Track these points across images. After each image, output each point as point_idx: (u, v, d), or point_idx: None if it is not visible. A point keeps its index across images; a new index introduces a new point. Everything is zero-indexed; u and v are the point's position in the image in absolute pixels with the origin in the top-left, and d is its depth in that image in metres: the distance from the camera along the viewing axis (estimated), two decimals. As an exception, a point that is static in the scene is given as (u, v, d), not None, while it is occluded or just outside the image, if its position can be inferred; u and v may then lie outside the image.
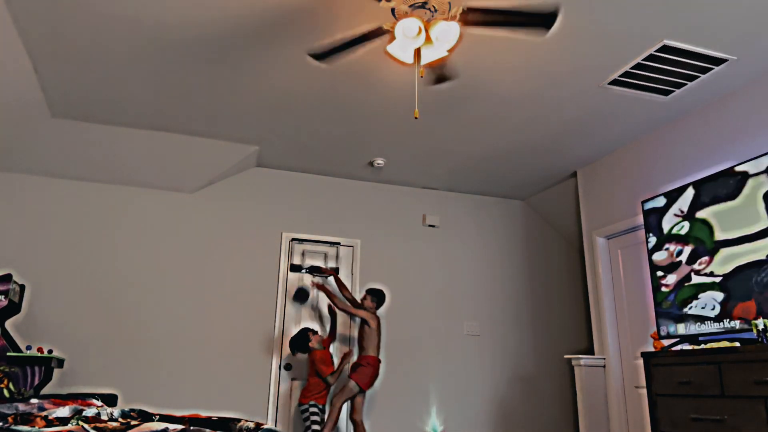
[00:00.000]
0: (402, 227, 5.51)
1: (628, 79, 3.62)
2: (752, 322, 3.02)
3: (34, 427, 1.57)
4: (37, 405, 1.90)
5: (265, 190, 5.19)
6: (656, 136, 4.32)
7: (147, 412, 1.98)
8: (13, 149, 4.28)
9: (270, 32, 3.17)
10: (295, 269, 5.06)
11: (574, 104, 3.96)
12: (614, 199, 4.68)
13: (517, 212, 5.99)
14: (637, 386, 4.30)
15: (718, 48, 3.27)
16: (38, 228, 4.50)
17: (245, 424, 1.81)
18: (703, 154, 3.90)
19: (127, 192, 4.80)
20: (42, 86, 3.75)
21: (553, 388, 5.49)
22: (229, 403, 4.55)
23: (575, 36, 3.18)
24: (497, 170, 5.22)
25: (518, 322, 5.59)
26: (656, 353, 3.46)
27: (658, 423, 3.34)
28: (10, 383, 3.47)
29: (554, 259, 5.95)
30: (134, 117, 4.19)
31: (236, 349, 4.71)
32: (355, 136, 4.55)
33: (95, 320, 4.44)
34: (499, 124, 4.28)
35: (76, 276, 4.49)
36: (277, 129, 4.41)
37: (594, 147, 4.66)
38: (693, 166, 3.96)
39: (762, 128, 3.51)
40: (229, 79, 3.67)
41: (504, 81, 3.67)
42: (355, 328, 4.99)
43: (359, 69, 3.54)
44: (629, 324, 4.48)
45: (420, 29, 2.54)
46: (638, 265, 4.42)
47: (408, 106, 4.02)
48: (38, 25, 3.12)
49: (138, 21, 3.08)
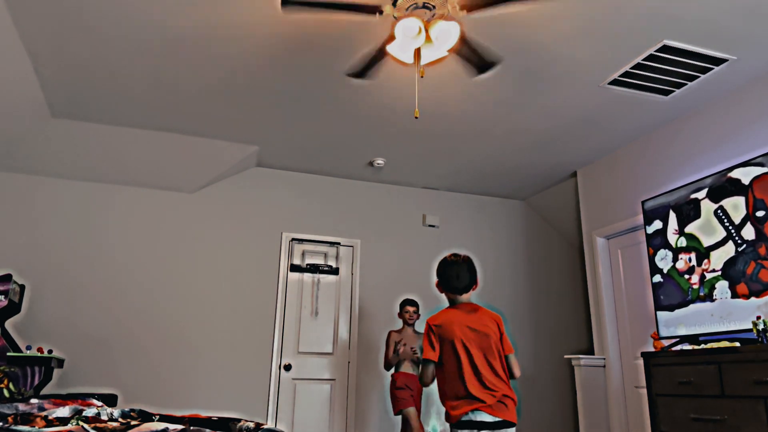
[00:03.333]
0: (402, 227, 5.51)
1: (628, 79, 3.62)
2: (752, 322, 3.03)
3: (34, 427, 1.57)
4: (37, 405, 1.90)
5: (265, 190, 5.19)
6: (656, 136, 4.32)
7: (147, 412, 1.98)
8: (13, 149, 4.28)
9: (272, 41, 3.17)
10: (295, 269, 5.06)
11: (574, 104, 3.96)
12: (614, 199, 4.68)
13: (517, 212, 5.99)
14: (637, 386, 4.30)
15: (718, 48, 3.27)
16: (38, 228, 4.49)
17: (245, 424, 1.81)
18: (703, 154, 3.90)
19: (127, 192, 4.80)
20: (42, 86, 3.75)
21: (553, 388, 5.49)
22: (229, 403, 4.55)
23: (575, 36, 3.18)
24: (497, 170, 5.22)
25: (518, 322, 5.59)
26: (656, 353, 3.46)
27: (658, 423, 3.34)
28: (10, 383, 3.47)
29: (554, 259, 5.95)
30: (134, 117, 4.19)
31: (236, 349, 4.71)
32: (355, 136, 4.55)
33: (95, 320, 4.44)
34: (499, 124, 4.28)
35: (76, 276, 4.49)
36: (277, 129, 4.41)
37: (594, 147, 4.66)
38: (693, 166, 3.96)
39: (762, 128, 3.52)
40: (230, 79, 3.67)
41: (504, 81, 3.66)
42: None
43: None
44: (629, 324, 4.48)
45: (420, 29, 2.54)
46: (638, 265, 4.42)
47: (408, 106, 4.02)
48: (38, 25, 3.12)
49: (138, 21, 3.08)
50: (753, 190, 3.32)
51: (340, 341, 5.01)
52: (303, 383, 4.80)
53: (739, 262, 3.34)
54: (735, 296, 3.34)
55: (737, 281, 3.34)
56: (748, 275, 3.27)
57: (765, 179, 3.26)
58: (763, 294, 3.19)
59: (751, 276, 3.26)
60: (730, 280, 3.39)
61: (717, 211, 3.52)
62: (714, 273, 3.49)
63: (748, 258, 3.29)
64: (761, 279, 3.21)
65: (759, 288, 3.22)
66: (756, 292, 3.23)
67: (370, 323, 5.09)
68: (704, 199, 3.60)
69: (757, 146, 3.51)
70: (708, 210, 3.56)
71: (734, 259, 3.38)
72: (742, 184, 3.39)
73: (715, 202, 3.54)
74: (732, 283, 3.37)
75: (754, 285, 3.25)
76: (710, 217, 3.54)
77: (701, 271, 3.56)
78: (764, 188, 3.26)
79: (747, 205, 3.34)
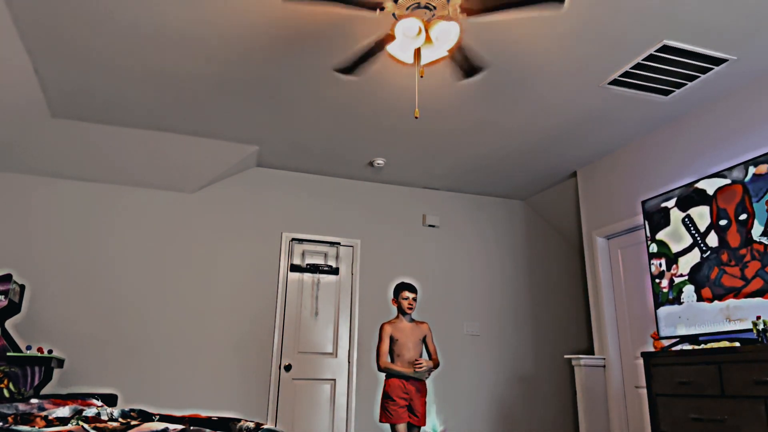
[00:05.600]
0: (402, 227, 5.51)
1: (628, 79, 3.62)
2: (752, 322, 3.03)
3: (34, 427, 1.57)
4: (37, 405, 1.90)
5: (265, 190, 5.19)
6: (656, 136, 4.32)
7: (147, 412, 1.98)
8: (13, 149, 4.28)
9: (272, 39, 3.17)
10: (295, 269, 5.06)
11: (574, 104, 3.96)
12: (614, 199, 4.68)
13: (517, 212, 5.99)
14: (637, 386, 4.30)
15: (718, 48, 3.27)
16: (38, 228, 4.50)
17: (245, 424, 1.81)
18: (703, 154, 3.90)
19: (128, 192, 4.80)
20: (42, 86, 3.75)
21: (553, 388, 5.49)
22: (229, 403, 4.55)
23: (575, 36, 3.18)
24: (497, 170, 5.22)
25: (518, 322, 5.59)
26: (656, 353, 3.46)
27: (658, 423, 3.34)
28: (10, 383, 3.47)
29: (554, 259, 5.95)
30: (134, 117, 4.19)
31: (236, 349, 4.71)
32: (355, 136, 4.55)
33: (95, 320, 4.44)
34: (498, 124, 4.28)
35: (76, 276, 4.49)
36: (277, 129, 4.41)
37: (594, 147, 4.66)
38: (693, 166, 3.96)
39: (762, 128, 3.52)
40: (230, 79, 3.67)
41: (503, 82, 3.66)
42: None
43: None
44: (629, 324, 4.48)
45: (420, 29, 2.54)
46: (638, 265, 4.42)
47: (408, 106, 4.02)
48: (38, 25, 3.12)
49: (138, 21, 3.08)
50: (717, 201, 3.54)
51: (340, 341, 5.01)
52: (303, 383, 4.80)
53: (704, 267, 3.57)
54: (700, 299, 3.57)
55: (702, 285, 3.56)
56: (712, 280, 3.51)
57: (727, 190, 3.48)
58: (725, 298, 3.40)
59: (715, 281, 3.49)
60: (696, 285, 3.61)
61: (684, 220, 3.75)
62: (682, 277, 3.72)
63: (712, 264, 3.51)
64: (723, 284, 3.42)
65: (721, 292, 3.43)
66: (719, 295, 3.45)
67: (370, 323, 5.09)
68: (673, 208, 3.83)
69: (759, 146, 3.52)
70: (676, 218, 3.80)
71: (700, 264, 3.60)
72: (707, 194, 3.61)
73: (683, 211, 3.77)
74: (698, 288, 3.60)
75: (717, 289, 3.46)
76: (678, 224, 3.78)
77: (670, 276, 3.80)
78: (726, 199, 3.48)
79: (711, 214, 3.57)
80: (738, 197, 3.40)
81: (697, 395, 3.10)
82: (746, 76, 3.56)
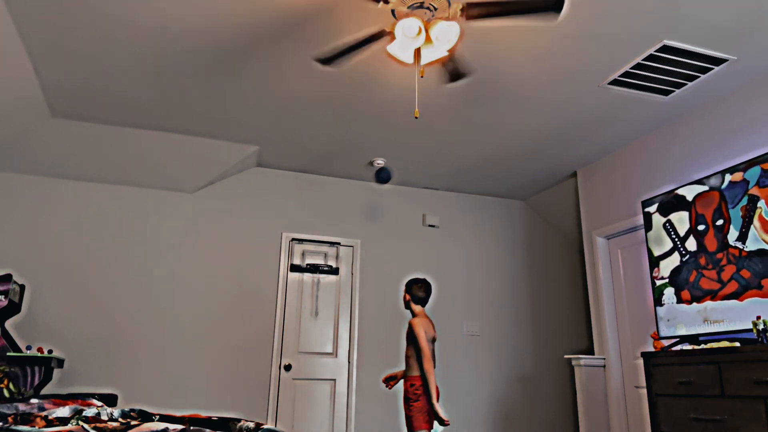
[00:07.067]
0: (402, 227, 5.51)
1: (628, 79, 3.62)
2: (752, 322, 3.03)
3: (34, 427, 1.57)
4: (37, 405, 1.90)
5: (265, 190, 5.19)
6: (656, 136, 4.32)
7: (147, 412, 1.98)
8: (13, 149, 4.28)
9: (272, 35, 3.17)
10: (295, 269, 5.06)
11: (574, 104, 3.96)
12: (614, 199, 4.68)
13: (517, 212, 5.99)
14: (637, 386, 4.30)
15: (718, 48, 3.27)
16: (38, 228, 4.50)
17: (245, 424, 1.81)
18: (703, 154, 3.90)
19: (127, 192, 4.80)
20: (42, 86, 3.75)
21: (553, 388, 5.49)
22: (229, 403, 4.55)
23: (575, 36, 3.18)
24: (497, 170, 5.22)
25: (518, 322, 5.59)
26: (656, 353, 3.46)
27: (658, 423, 3.34)
28: (10, 383, 3.48)
29: (554, 259, 5.95)
30: (134, 117, 4.19)
31: (236, 349, 4.71)
32: (355, 136, 4.55)
33: (95, 320, 4.44)
34: (498, 124, 4.28)
35: (76, 276, 4.49)
36: (277, 129, 4.41)
37: (594, 147, 4.66)
38: (693, 166, 3.96)
39: (762, 128, 3.52)
40: (230, 80, 3.67)
41: (503, 82, 3.67)
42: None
43: (359, 69, 3.54)
44: (629, 324, 4.48)
45: (420, 29, 2.54)
46: (638, 265, 4.42)
47: (408, 106, 4.02)
48: (38, 25, 3.12)
49: (138, 21, 3.08)
50: (695, 206, 3.69)
51: (340, 341, 5.01)
52: (303, 383, 4.80)
53: (684, 270, 3.73)
54: (680, 301, 3.72)
55: (682, 288, 3.71)
56: (690, 283, 3.67)
57: (705, 196, 3.63)
58: (703, 300, 3.56)
59: (693, 283, 3.64)
60: (676, 287, 3.77)
61: (665, 224, 3.90)
62: (663, 280, 3.87)
63: (691, 267, 3.67)
64: (701, 286, 3.58)
65: (699, 294, 3.59)
66: (697, 297, 3.60)
67: (370, 323, 5.09)
68: (655, 213, 3.99)
69: (760, 145, 3.52)
70: (658, 223, 3.96)
71: (679, 268, 3.76)
72: (686, 200, 3.76)
73: (664, 216, 3.93)
74: (677, 290, 3.75)
75: (696, 291, 3.62)
76: (660, 229, 3.94)
77: (653, 278, 3.95)
78: (704, 204, 3.63)
79: (690, 219, 3.73)
80: (715, 203, 3.56)
81: (697, 395, 3.10)
82: (746, 76, 3.56)
